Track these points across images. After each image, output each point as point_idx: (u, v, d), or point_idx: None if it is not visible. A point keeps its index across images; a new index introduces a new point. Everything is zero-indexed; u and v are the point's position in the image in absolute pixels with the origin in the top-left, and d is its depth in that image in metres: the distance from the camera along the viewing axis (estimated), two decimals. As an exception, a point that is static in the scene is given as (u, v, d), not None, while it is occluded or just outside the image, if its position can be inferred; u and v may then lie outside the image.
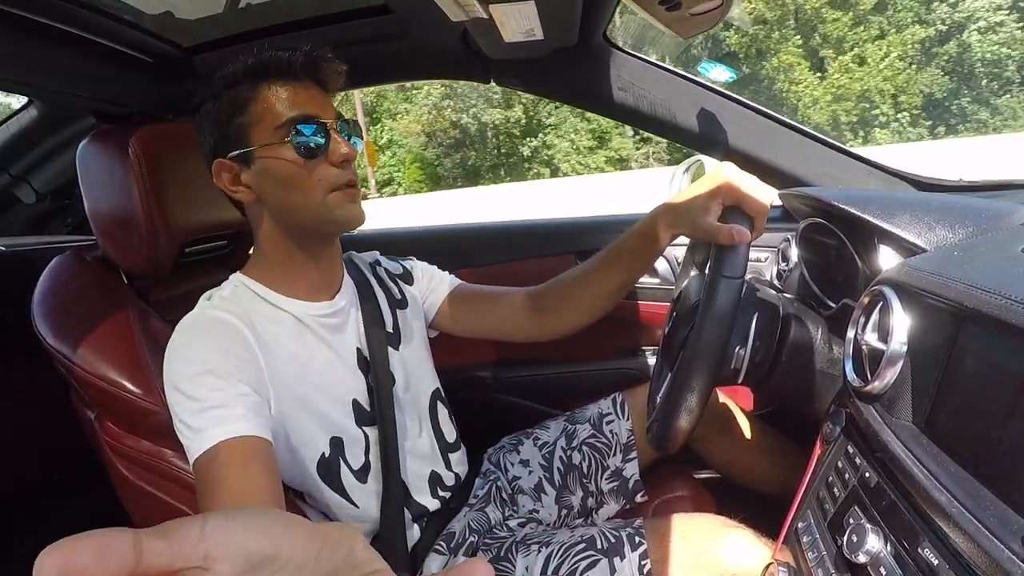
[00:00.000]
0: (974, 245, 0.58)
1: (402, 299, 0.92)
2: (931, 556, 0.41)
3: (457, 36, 1.06)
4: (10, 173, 1.29)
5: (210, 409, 0.62)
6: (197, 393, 0.63)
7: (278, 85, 0.71)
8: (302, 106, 0.70)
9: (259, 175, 0.72)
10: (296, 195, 0.71)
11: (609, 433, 1.00)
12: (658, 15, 0.90)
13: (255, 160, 0.71)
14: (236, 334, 0.69)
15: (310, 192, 0.71)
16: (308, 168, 0.70)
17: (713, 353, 0.63)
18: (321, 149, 0.70)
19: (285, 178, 0.71)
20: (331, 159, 0.71)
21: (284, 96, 0.70)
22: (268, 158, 0.70)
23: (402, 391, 0.85)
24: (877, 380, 0.53)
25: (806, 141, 1.12)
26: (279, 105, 0.70)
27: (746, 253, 0.64)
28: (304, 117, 0.70)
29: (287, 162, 0.70)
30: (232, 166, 0.72)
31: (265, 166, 0.71)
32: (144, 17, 0.96)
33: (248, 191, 0.73)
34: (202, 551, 0.20)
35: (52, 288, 0.85)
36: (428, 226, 1.60)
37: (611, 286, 0.84)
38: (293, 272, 0.77)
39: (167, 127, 0.92)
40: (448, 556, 0.80)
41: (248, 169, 0.72)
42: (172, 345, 0.68)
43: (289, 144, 0.69)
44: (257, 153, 0.70)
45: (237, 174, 0.72)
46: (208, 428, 0.61)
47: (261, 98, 0.70)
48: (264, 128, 0.70)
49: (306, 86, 0.72)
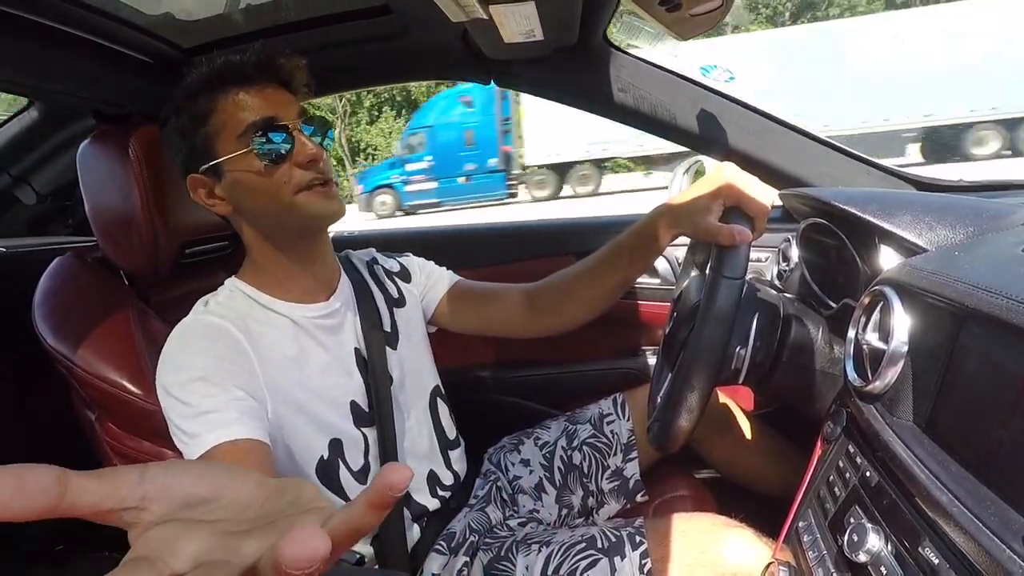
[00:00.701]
0: (975, 245, 0.58)
1: (399, 297, 0.92)
2: (932, 555, 0.41)
3: (457, 36, 1.06)
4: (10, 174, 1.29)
5: (204, 414, 0.62)
6: (190, 399, 0.63)
7: (235, 92, 0.69)
8: (259, 110, 0.69)
9: (230, 187, 0.71)
10: (266, 201, 0.70)
11: (610, 433, 1.00)
12: (658, 16, 0.90)
13: (224, 172, 0.70)
14: (230, 340, 0.69)
15: (279, 196, 0.70)
16: (274, 173, 0.69)
17: (713, 353, 0.63)
18: (285, 152, 0.69)
19: (254, 186, 0.70)
20: (296, 160, 0.70)
21: (242, 102, 0.69)
22: (235, 169, 0.70)
23: (400, 390, 0.85)
24: (878, 380, 0.53)
25: (806, 141, 1.12)
26: (238, 112, 0.69)
27: (746, 254, 0.64)
28: (263, 121, 0.68)
29: (252, 170, 0.69)
30: (205, 180, 0.72)
31: (234, 177, 0.70)
32: (144, 18, 0.96)
33: (224, 203, 0.73)
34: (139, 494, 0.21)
35: (53, 289, 0.85)
36: (427, 226, 1.60)
37: (610, 285, 0.84)
38: (285, 275, 0.77)
39: (167, 128, 0.92)
40: (448, 556, 0.80)
41: (219, 182, 0.71)
42: (165, 352, 0.68)
43: (252, 152, 0.68)
44: (224, 165, 0.70)
45: (211, 187, 0.72)
46: (202, 433, 0.61)
47: (220, 108, 0.69)
48: (227, 138, 0.69)
49: (264, 88, 0.70)
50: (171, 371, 0.66)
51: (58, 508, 0.19)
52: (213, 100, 0.69)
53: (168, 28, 1.02)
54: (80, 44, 0.90)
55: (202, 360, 0.66)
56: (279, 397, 0.70)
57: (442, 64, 1.21)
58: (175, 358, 0.67)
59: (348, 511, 0.21)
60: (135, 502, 0.21)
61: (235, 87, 0.69)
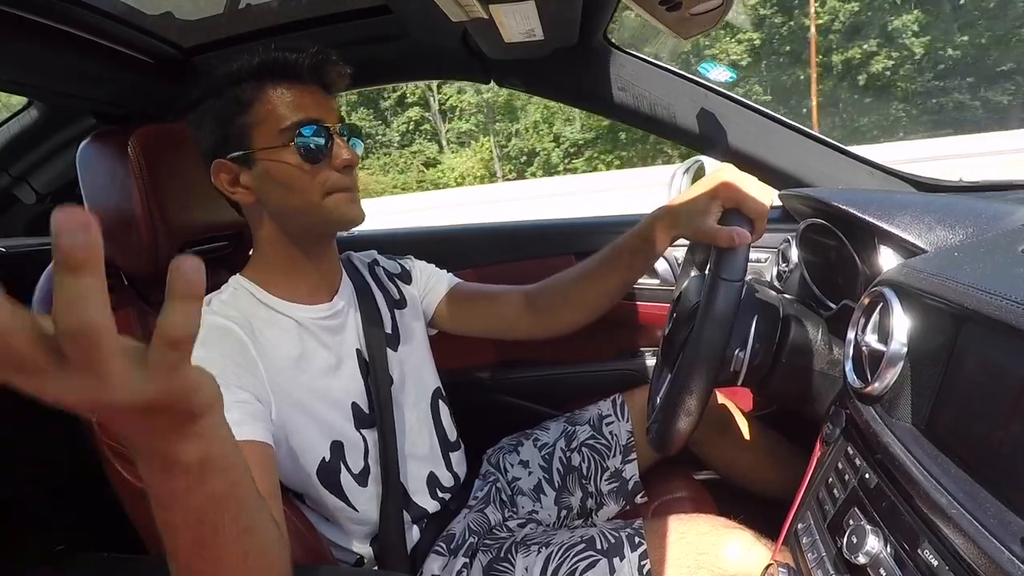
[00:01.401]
0: (974, 246, 0.58)
1: (400, 299, 0.92)
2: (931, 557, 0.41)
3: (457, 36, 1.06)
4: (10, 174, 1.29)
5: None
6: None
7: (283, 87, 0.70)
8: (307, 110, 0.70)
9: (259, 177, 0.71)
10: (295, 198, 0.71)
11: (609, 434, 1.00)
12: (658, 15, 0.90)
13: (256, 162, 0.71)
14: (236, 342, 0.68)
15: (309, 195, 0.71)
16: (310, 172, 0.70)
17: (713, 355, 0.63)
18: (324, 153, 0.70)
19: (286, 181, 0.70)
20: (334, 164, 0.71)
21: (289, 99, 0.70)
22: (270, 161, 0.70)
23: (401, 391, 0.85)
24: (877, 381, 0.53)
25: (806, 141, 1.11)
26: (283, 107, 0.69)
27: (746, 256, 0.64)
28: (309, 121, 0.69)
29: (289, 166, 0.70)
30: (231, 167, 0.72)
31: (266, 168, 0.70)
32: (144, 17, 0.96)
33: (247, 192, 0.73)
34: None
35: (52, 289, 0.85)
36: (428, 227, 1.60)
37: (610, 286, 0.84)
38: (292, 273, 0.77)
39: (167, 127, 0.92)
40: (448, 557, 0.80)
41: (248, 171, 0.71)
42: None
43: (292, 148, 0.69)
44: (259, 155, 0.70)
45: (236, 175, 0.72)
46: None
47: (266, 99, 0.69)
48: (267, 130, 0.70)
49: (310, 89, 0.72)
50: None
51: None
52: (260, 90, 0.69)
53: (168, 28, 1.02)
54: (80, 44, 0.90)
55: (207, 362, 0.65)
56: (283, 398, 0.70)
57: (442, 64, 1.21)
58: None
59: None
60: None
61: (284, 82, 0.70)
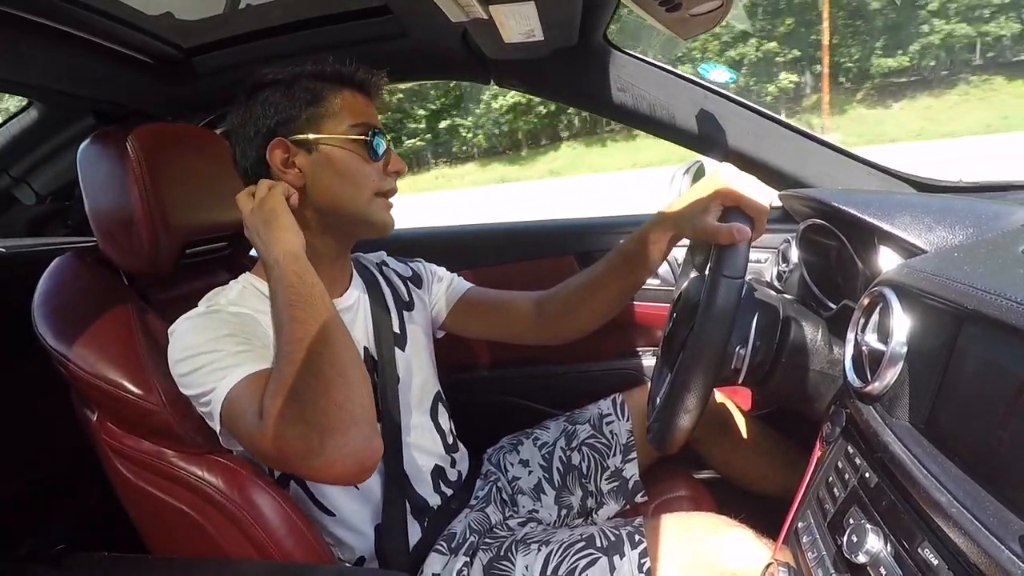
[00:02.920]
0: (974, 246, 0.58)
1: (409, 301, 0.93)
2: (931, 556, 0.41)
3: (457, 36, 1.06)
4: (10, 175, 1.29)
5: (240, 352, 0.66)
6: (222, 346, 0.66)
7: (358, 94, 0.78)
8: (372, 119, 0.78)
9: (318, 162, 0.75)
10: (350, 188, 0.76)
11: (609, 434, 1.00)
12: (658, 15, 0.90)
13: (318, 148, 0.74)
14: (250, 321, 0.71)
15: (362, 188, 0.76)
16: (369, 167, 0.76)
17: (713, 352, 0.63)
18: (384, 156, 0.78)
19: (345, 170, 0.75)
20: (388, 168, 0.79)
21: (360, 103, 0.78)
22: (336, 147, 0.75)
23: (406, 391, 0.86)
24: (877, 381, 0.53)
25: (806, 142, 1.12)
26: (357, 109, 0.77)
27: (746, 252, 0.64)
28: (376, 127, 0.78)
29: (354, 155, 0.75)
30: (289, 147, 0.75)
31: (328, 154, 0.75)
32: (144, 18, 0.96)
33: (298, 175, 0.75)
34: None
35: (53, 289, 0.85)
36: (431, 227, 1.60)
37: (616, 291, 0.85)
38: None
39: (167, 127, 0.92)
40: (448, 556, 0.80)
41: (307, 154, 0.75)
42: (181, 328, 0.70)
43: (361, 141, 0.75)
44: (325, 141, 0.74)
45: (291, 156, 0.75)
46: (244, 363, 0.65)
47: (341, 99, 0.76)
48: (338, 123, 0.75)
49: (372, 103, 0.80)
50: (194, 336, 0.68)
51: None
52: (336, 90, 0.76)
53: (168, 28, 1.02)
54: (81, 44, 0.90)
55: (224, 328, 0.69)
56: None
57: (442, 64, 1.21)
58: (196, 328, 0.69)
59: None
60: None
61: (359, 92, 0.78)
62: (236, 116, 0.78)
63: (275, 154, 0.74)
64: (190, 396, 0.68)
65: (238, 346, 0.67)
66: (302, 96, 0.75)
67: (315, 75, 0.76)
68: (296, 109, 0.75)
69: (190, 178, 0.87)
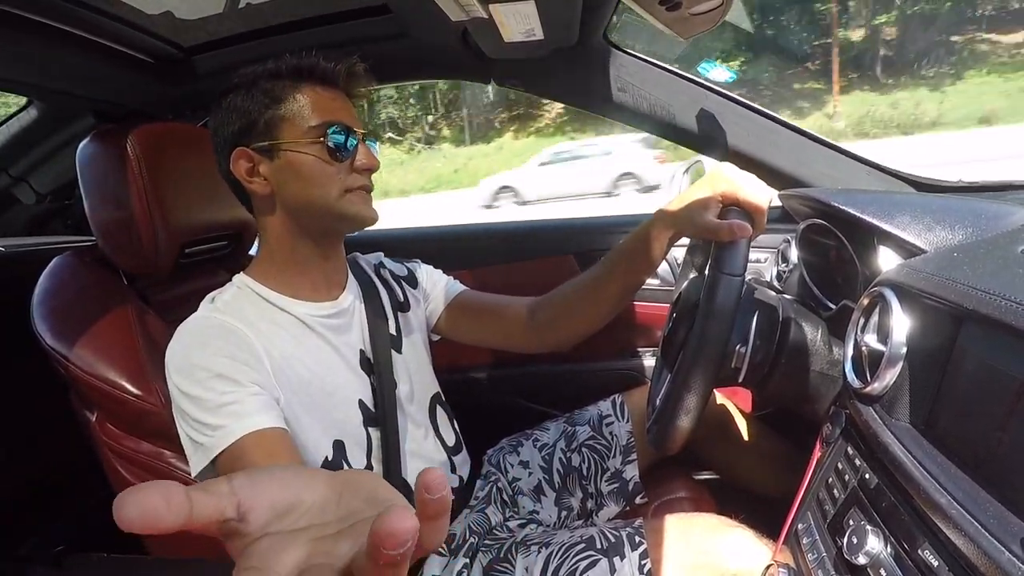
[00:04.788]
0: (974, 246, 0.58)
1: (405, 301, 0.92)
2: (931, 558, 0.41)
3: (457, 36, 1.06)
4: (10, 174, 1.29)
5: (226, 406, 0.64)
6: (208, 396, 0.64)
7: (318, 89, 0.74)
8: (337, 113, 0.74)
9: (280, 169, 0.73)
10: (315, 191, 0.73)
11: (609, 435, 1.00)
12: (658, 15, 0.90)
13: (280, 154, 0.72)
14: (241, 340, 0.69)
15: (328, 190, 0.73)
16: (333, 168, 0.73)
17: (713, 350, 0.63)
18: (348, 154, 0.74)
19: (308, 174, 0.72)
20: (356, 165, 0.74)
21: (322, 100, 0.73)
22: (295, 152, 0.72)
23: (404, 394, 0.85)
24: (877, 381, 0.53)
25: (806, 142, 1.11)
26: (316, 107, 0.73)
27: (746, 250, 0.64)
28: (338, 123, 0.73)
29: (315, 159, 0.72)
30: (252, 156, 0.73)
31: (289, 160, 0.72)
32: (144, 17, 0.95)
33: (264, 183, 0.74)
34: (234, 504, 0.23)
35: (52, 289, 0.85)
36: (429, 227, 1.60)
37: (614, 292, 0.83)
38: (298, 271, 0.77)
39: (167, 127, 0.92)
40: (448, 557, 0.80)
41: (270, 161, 0.73)
42: (175, 350, 0.69)
43: (321, 143, 0.72)
44: (285, 147, 0.72)
45: (256, 165, 0.73)
46: (228, 424, 0.63)
47: (300, 97, 0.72)
48: (297, 125, 0.72)
49: (340, 95, 0.76)
50: (185, 370, 0.67)
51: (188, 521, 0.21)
52: (295, 88, 0.73)
53: (168, 27, 1.02)
54: (80, 43, 0.90)
55: (216, 360, 0.67)
56: (290, 395, 0.71)
57: (442, 64, 1.21)
58: (188, 358, 0.68)
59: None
60: (233, 513, 0.23)
61: (320, 85, 0.74)
62: (211, 123, 0.76)
63: (239, 165, 0.73)
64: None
65: (224, 393, 0.64)
66: (259, 100, 0.72)
67: (272, 74, 0.73)
68: (255, 114, 0.72)
69: (189, 178, 0.87)
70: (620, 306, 0.85)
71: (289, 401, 0.71)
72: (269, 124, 0.72)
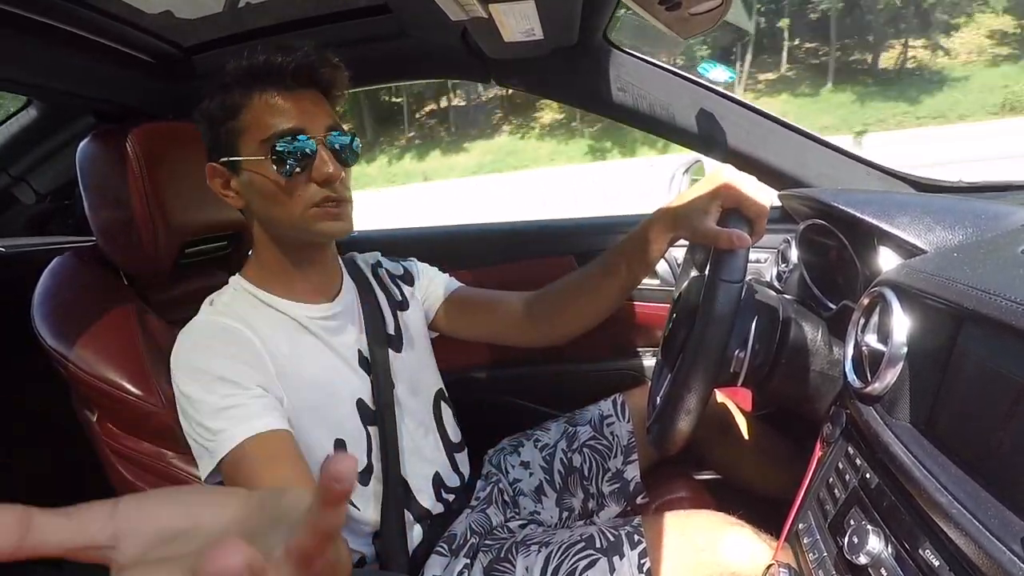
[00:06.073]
0: (974, 246, 0.58)
1: (403, 300, 0.92)
2: (932, 557, 0.41)
3: (457, 36, 1.06)
4: (10, 174, 1.29)
5: (228, 409, 0.64)
6: (210, 399, 0.64)
7: (269, 93, 0.68)
8: (289, 118, 0.68)
9: (246, 185, 0.72)
10: (276, 210, 0.71)
11: (610, 435, 1.00)
12: (658, 15, 0.90)
13: (242, 170, 0.71)
14: (243, 341, 0.70)
15: (290, 208, 0.70)
16: (289, 186, 0.69)
17: (712, 356, 0.63)
18: (303, 167, 0.68)
19: (267, 193, 0.70)
20: (313, 177, 0.69)
21: (273, 106, 0.68)
22: (252, 171, 0.70)
23: (404, 393, 0.85)
24: (877, 381, 0.53)
25: (806, 142, 1.11)
26: (267, 116, 0.68)
27: (745, 257, 0.64)
28: (290, 131, 0.67)
29: (267, 179, 0.69)
30: (222, 171, 0.72)
31: (250, 178, 0.71)
32: (144, 16, 0.96)
33: (237, 198, 0.73)
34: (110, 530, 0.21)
35: (52, 289, 0.85)
36: (427, 227, 1.60)
37: (611, 291, 0.83)
38: (289, 275, 0.77)
39: (167, 126, 0.91)
40: (449, 558, 0.80)
41: (236, 177, 0.72)
42: (179, 353, 0.69)
43: (270, 161, 0.68)
44: (243, 164, 0.70)
45: (227, 179, 0.73)
46: (229, 428, 0.63)
47: (252, 105, 0.69)
48: (251, 139, 0.69)
49: (298, 94, 0.70)
50: (188, 374, 0.67)
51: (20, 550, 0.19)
52: (247, 96, 0.69)
53: (168, 27, 1.02)
54: (80, 43, 0.90)
55: (219, 362, 0.67)
56: (292, 394, 0.71)
57: (442, 63, 1.21)
58: (190, 360, 0.68)
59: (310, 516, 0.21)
60: (106, 540, 0.21)
61: (271, 88, 0.68)
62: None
63: (214, 181, 0.73)
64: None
65: (226, 397, 0.64)
66: (218, 113, 0.69)
67: (225, 83, 0.69)
68: (216, 128, 0.70)
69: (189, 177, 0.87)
70: (616, 304, 0.84)
71: (292, 399, 0.71)
72: (229, 138, 0.70)
